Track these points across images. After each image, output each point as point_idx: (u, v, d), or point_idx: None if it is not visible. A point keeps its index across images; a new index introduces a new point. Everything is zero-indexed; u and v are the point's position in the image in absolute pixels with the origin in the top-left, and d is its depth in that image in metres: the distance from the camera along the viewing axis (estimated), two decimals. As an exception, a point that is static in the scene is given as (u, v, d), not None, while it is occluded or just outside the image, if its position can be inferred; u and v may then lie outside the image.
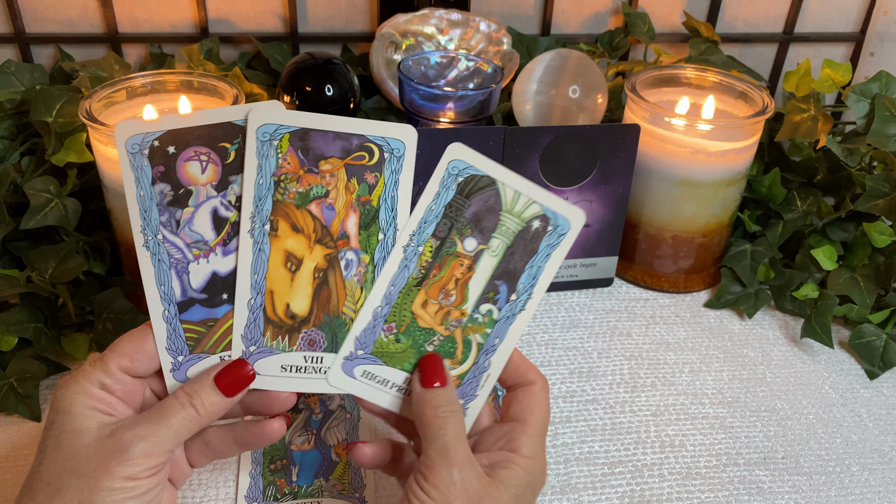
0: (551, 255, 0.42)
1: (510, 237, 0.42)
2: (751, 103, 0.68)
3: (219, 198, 0.41)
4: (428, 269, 0.42)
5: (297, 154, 0.41)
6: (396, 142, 0.41)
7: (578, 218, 0.42)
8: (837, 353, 0.65)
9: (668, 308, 0.69)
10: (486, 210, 0.42)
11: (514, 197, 0.41)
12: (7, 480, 0.50)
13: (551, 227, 0.42)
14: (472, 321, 0.42)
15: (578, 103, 0.72)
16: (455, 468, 0.38)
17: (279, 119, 0.40)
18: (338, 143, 0.41)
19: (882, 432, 0.57)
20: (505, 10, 0.84)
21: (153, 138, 0.40)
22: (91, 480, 0.37)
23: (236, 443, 0.43)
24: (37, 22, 0.77)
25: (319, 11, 0.82)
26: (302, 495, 0.49)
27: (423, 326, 0.42)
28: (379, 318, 0.42)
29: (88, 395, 0.39)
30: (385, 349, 0.42)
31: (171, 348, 0.41)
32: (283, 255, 0.41)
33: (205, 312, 0.41)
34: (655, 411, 0.58)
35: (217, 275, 0.41)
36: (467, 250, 0.42)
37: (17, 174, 0.61)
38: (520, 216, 0.42)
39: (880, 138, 0.64)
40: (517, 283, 0.42)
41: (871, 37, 0.92)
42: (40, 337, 0.56)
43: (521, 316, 0.42)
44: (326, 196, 0.41)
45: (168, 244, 0.41)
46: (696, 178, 0.65)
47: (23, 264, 0.60)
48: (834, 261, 0.67)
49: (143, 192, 0.40)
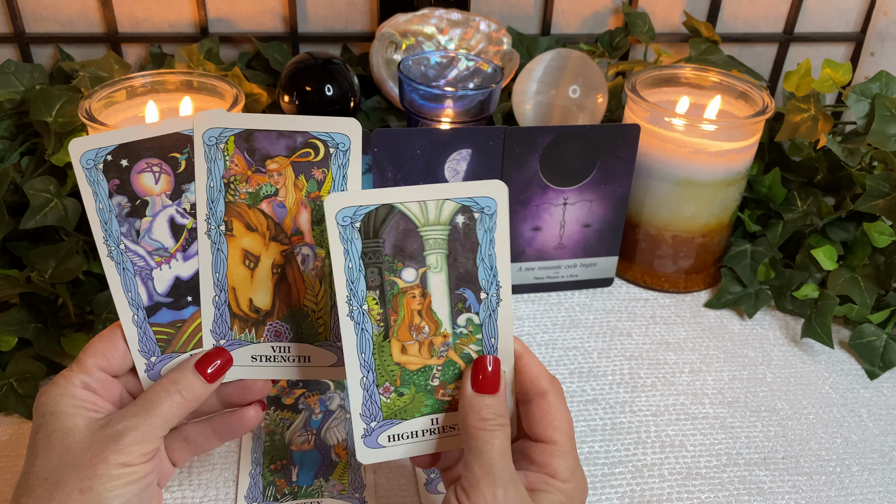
0: (494, 238, 0.40)
1: (444, 246, 0.40)
2: (751, 103, 0.68)
3: (174, 206, 0.42)
4: (385, 319, 0.41)
5: (244, 155, 0.42)
6: (341, 136, 0.42)
7: (499, 189, 0.39)
8: (837, 353, 0.65)
9: (668, 308, 0.69)
10: (403, 235, 0.40)
11: (422, 208, 0.39)
12: (7, 480, 0.50)
13: (477, 212, 0.39)
14: (458, 337, 0.41)
15: (578, 103, 0.72)
16: (500, 488, 0.37)
17: (223, 122, 0.41)
18: (282, 142, 0.42)
19: (882, 432, 0.57)
20: (505, 10, 0.84)
21: (106, 153, 0.41)
22: (88, 470, 0.37)
23: (216, 435, 0.44)
24: (37, 22, 0.77)
25: (319, 11, 0.82)
26: (302, 495, 0.49)
27: (416, 369, 0.41)
28: (370, 387, 0.41)
29: (72, 395, 0.40)
30: (394, 408, 0.42)
31: (144, 350, 0.43)
32: (241, 253, 0.43)
33: (172, 315, 0.43)
34: (655, 411, 0.58)
35: (180, 279, 0.43)
36: (409, 281, 0.40)
37: (17, 174, 0.61)
38: (439, 222, 0.40)
39: (880, 138, 0.64)
40: (478, 282, 0.40)
41: (871, 37, 0.92)
42: (40, 337, 0.56)
43: (501, 308, 0.41)
44: (276, 194, 0.42)
45: (130, 253, 0.42)
46: (696, 178, 0.65)
47: (23, 264, 0.60)
48: (834, 261, 0.67)
49: (101, 205, 0.42)
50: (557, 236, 0.67)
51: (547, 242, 0.67)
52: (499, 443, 0.38)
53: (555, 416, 0.40)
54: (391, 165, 0.60)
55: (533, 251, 0.67)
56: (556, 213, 0.66)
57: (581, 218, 0.67)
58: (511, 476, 0.38)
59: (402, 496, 0.50)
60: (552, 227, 0.67)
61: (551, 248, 0.68)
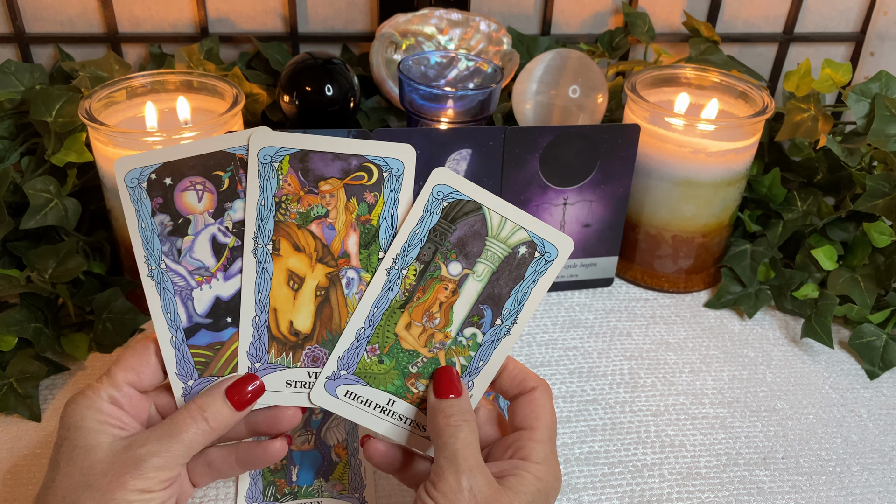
0: (538, 281, 0.42)
1: (496, 262, 0.42)
2: (751, 103, 0.68)
3: (216, 224, 0.42)
4: (412, 292, 0.42)
5: (298, 175, 0.42)
6: (395, 161, 0.42)
7: (566, 245, 0.42)
8: (837, 353, 0.65)
9: (668, 308, 0.69)
10: (472, 235, 0.42)
11: (501, 222, 0.42)
12: (7, 480, 0.50)
13: (538, 253, 0.42)
14: (455, 344, 0.43)
15: (578, 103, 0.72)
16: (464, 475, 0.38)
17: (279, 142, 0.41)
18: (337, 164, 0.42)
19: (882, 432, 0.57)
20: (505, 10, 0.84)
21: (150, 171, 0.41)
22: (107, 493, 0.37)
23: (238, 463, 0.43)
24: (37, 22, 0.77)
25: (319, 11, 0.82)
26: (302, 495, 0.49)
27: (407, 348, 0.43)
28: (362, 340, 0.42)
29: (99, 409, 0.39)
30: (368, 370, 0.43)
31: (182, 374, 0.42)
32: (286, 273, 0.42)
33: (211, 336, 0.42)
34: (655, 411, 0.58)
35: (220, 299, 0.42)
36: (452, 274, 0.42)
37: (17, 174, 0.61)
38: (506, 242, 0.42)
39: (880, 138, 0.64)
40: (502, 309, 0.42)
41: (871, 37, 0.92)
42: (40, 337, 0.56)
43: (505, 340, 0.43)
44: (327, 216, 0.42)
45: (171, 272, 0.42)
46: (696, 178, 0.65)
47: (23, 264, 0.60)
48: (834, 261, 0.67)
49: (144, 224, 0.41)
50: (557, 236, 0.67)
51: (547, 242, 0.67)
52: (463, 435, 0.39)
53: (538, 407, 0.42)
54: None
55: (533, 251, 0.67)
56: (556, 213, 0.66)
57: (581, 218, 0.67)
58: (476, 463, 0.38)
59: (402, 496, 0.50)
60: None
61: (551, 248, 0.68)
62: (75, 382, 0.57)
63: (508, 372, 0.43)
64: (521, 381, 0.43)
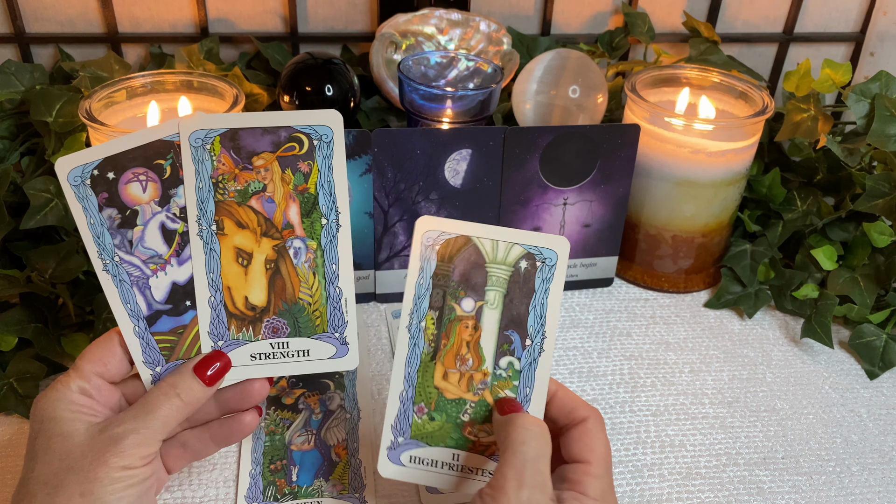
0: (549, 288, 0.42)
1: (503, 285, 0.42)
2: (751, 103, 0.68)
3: (164, 212, 0.43)
4: (437, 341, 0.43)
5: (231, 154, 0.43)
6: (324, 128, 0.43)
7: (563, 245, 0.42)
8: (837, 353, 0.65)
9: (668, 308, 0.69)
10: (472, 267, 0.42)
11: (494, 246, 0.42)
12: (7, 480, 0.50)
13: (539, 262, 0.42)
14: (496, 379, 0.43)
15: (578, 103, 0.72)
16: (525, 489, 0.36)
17: (207, 124, 0.42)
18: (267, 138, 0.43)
19: (882, 432, 0.57)
20: (505, 10, 0.84)
21: (92, 168, 0.42)
22: (89, 473, 0.37)
23: (213, 440, 0.44)
24: (37, 22, 0.77)
25: (319, 11, 0.82)
26: (302, 495, 0.49)
27: (452, 398, 0.43)
28: (407, 402, 0.43)
29: (70, 400, 0.40)
30: (423, 430, 0.43)
31: (148, 361, 0.43)
32: (234, 251, 0.43)
33: (172, 322, 0.43)
34: (655, 411, 0.58)
35: (177, 284, 0.43)
36: (467, 311, 0.42)
37: (17, 174, 0.61)
38: (505, 262, 0.42)
39: (880, 138, 0.64)
40: (527, 328, 0.42)
41: (871, 37, 0.92)
42: (40, 337, 0.56)
43: (542, 359, 0.42)
44: (264, 190, 0.43)
45: (126, 264, 0.43)
46: (696, 178, 0.65)
47: (23, 264, 0.60)
48: (834, 261, 0.67)
49: (92, 220, 0.42)
50: (557, 236, 0.67)
51: (547, 242, 0.67)
52: (535, 447, 0.38)
53: (592, 440, 0.40)
54: (391, 166, 0.60)
55: (533, 251, 0.67)
56: (556, 213, 0.66)
57: (581, 218, 0.67)
58: (542, 481, 0.37)
59: (402, 496, 0.50)
60: (552, 227, 0.67)
61: (551, 248, 0.68)
62: (75, 382, 0.57)
63: (559, 400, 0.42)
64: (571, 409, 0.42)
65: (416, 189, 0.62)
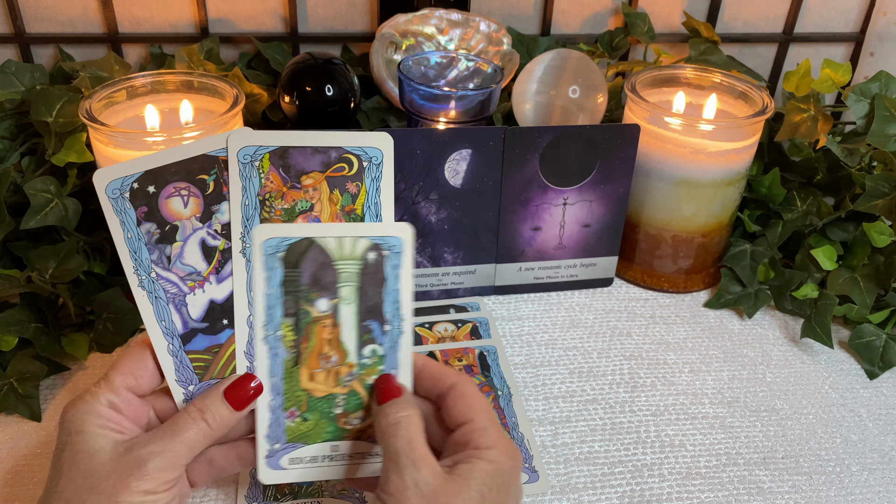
0: (399, 274, 0.42)
1: (356, 279, 0.42)
2: (751, 103, 0.68)
3: (204, 228, 0.42)
4: (297, 346, 0.42)
5: (279, 172, 0.42)
6: (374, 150, 0.43)
7: (405, 231, 0.42)
8: (837, 353, 0.65)
9: (668, 308, 0.69)
10: (320, 267, 0.42)
11: (338, 243, 0.42)
12: (7, 480, 0.50)
13: (386, 250, 0.42)
14: (362, 368, 0.43)
15: (578, 103, 0.72)
16: (406, 471, 0.37)
17: (258, 140, 0.42)
18: (317, 158, 0.42)
19: (882, 432, 0.57)
20: (505, 10, 0.84)
21: (132, 181, 0.41)
22: (112, 497, 0.37)
23: (239, 459, 0.44)
24: (37, 22, 0.77)
25: (319, 11, 0.82)
26: (302, 495, 0.49)
27: (321, 396, 0.43)
28: (277, 410, 0.43)
29: (98, 414, 0.40)
30: (297, 432, 0.43)
31: (181, 380, 0.43)
32: None
33: (208, 340, 0.43)
34: (655, 411, 0.58)
35: (215, 302, 0.42)
36: (323, 311, 0.42)
37: (17, 174, 0.61)
38: (352, 256, 0.42)
39: (880, 138, 0.64)
40: (384, 315, 0.43)
41: (871, 37, 0.92)
42: (40, 337, 0.56)
43: (402, 339, 0.43)
44: (311, 209, 0.43)
45: (162, 280, 0.42)
46: (695, 178, 0.65)
47: (23, 264, 0.60)
48: (834, 261, 0.67)
49: (130, 235, 0.41)
50: (557, 236, 0.67)
51: (547, 242, 0.67)
52: (403, 432, 0.39)
53: (467, 398, 0.41)
54: (391, 165, 0.60)
55: (533, 251, 0.67)
56: (556, 213, 0.66)
57: (581, 218, 0.67)
58: (419, 455, 0.38)
59: (402, 496, 0.50)
60: (552, 227, 0.67)
61: (551, 248, 0.68)
62: (75, 382, 0.57)
63: (427, 372, 0.43)
64: (439, 378, 0.43)
65: (416, 189, 0.62)
